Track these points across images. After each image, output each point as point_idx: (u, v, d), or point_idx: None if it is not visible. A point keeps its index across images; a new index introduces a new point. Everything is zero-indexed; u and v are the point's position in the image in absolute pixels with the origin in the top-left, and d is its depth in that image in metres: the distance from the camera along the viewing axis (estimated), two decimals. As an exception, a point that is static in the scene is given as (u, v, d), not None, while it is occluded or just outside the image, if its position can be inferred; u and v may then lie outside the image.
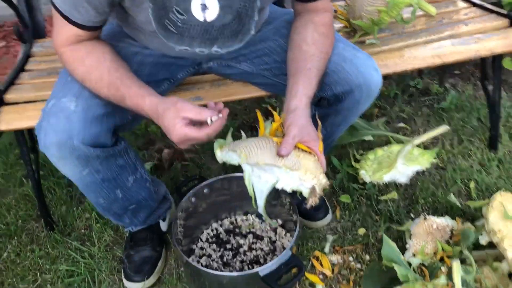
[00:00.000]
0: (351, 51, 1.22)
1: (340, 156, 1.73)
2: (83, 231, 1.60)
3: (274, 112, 1.12)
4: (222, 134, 1.07)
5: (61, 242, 1.55)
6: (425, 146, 1.73)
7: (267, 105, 1.15)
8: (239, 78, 1.37)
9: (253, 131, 1.82)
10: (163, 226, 1.51)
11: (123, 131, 1.23)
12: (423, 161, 1.63)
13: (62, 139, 1.08)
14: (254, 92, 1.35)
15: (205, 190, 1.41)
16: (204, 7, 0.84)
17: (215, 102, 1.06)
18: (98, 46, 1.11)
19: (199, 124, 1.01)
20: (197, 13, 0.83)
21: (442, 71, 2.11)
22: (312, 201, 1.05)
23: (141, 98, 1.06)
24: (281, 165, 1.02)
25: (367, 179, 1.60)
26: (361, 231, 1.50)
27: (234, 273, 1.19)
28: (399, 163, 1.60)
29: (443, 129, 1.56)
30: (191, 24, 0.84)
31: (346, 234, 1.50)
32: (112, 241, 1.55)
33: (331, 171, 1.70)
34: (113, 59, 1.11)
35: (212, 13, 0.83)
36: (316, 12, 1.18)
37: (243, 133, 1.15)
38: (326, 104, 1.26)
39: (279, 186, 1.06)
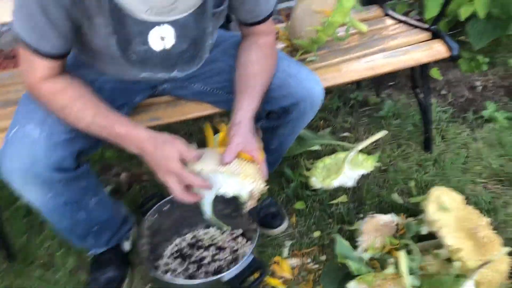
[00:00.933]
0: (295, 67, 1.34)
1: (292, 167, 1.84)
2: (46, 258, 1.60)
3: (221, 125, 1.21)
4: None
5: (23, 272, 1.54)
6: (368, 152, 1.88)
7: (219, 123, 1.24)
8: (192, 98, 1.45)
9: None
10: (126, 246, 1.54)
11: (86, 155, 1.28)
12: (367, 165, 1.77)
13: (26, 166, 1.11)
14: (209, 109, 1.43)
15: (166, 208, 1.47)
16: (162, 38, 0.93)
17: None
18: (75, 79, 1.16)
19: None
20: (156, 44, 0.91)
21: (378, 83, 2.29)
22: (250, 205, 1.14)
23: (133, 127, 1.10)
24: (224, 171, 1.10)
25: (318, 185, 1.72)
26: (316, 234, 1.60)
27: (199, 280, 1.25)
28: (346, 169, 1.73)
29: (381, 134, 1.72)
30: (152, 54, 0.92)
31: (303, 238, 1.60)
32: (76, 266, 1.57)
33: (285, 181, 1.80)
34: (94, 93, 1.15)
35: (169, 42, 0.92)
36: (259, 35, 1.29)
37: (193, 145, 1.22)
38: (275, 117, 1.36)
39: (221, 192, 1.13)
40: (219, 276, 1.21)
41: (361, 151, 1.85)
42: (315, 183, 1.72)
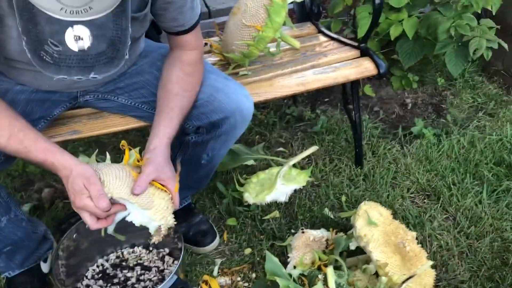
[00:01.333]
0: (223, 81, 1.31)
1: (225, 182, 1.81)
2: (-47, 284, 1.47)
3: (133, 150, 1.17)
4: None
5: None
6: (301, 167, 1.88)
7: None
8: (116, 111, 1.39)
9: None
10: (44, 267, 1.44)
11: None
12: (300, 180, 1.76)
13: None
14: (132, 123, 1.38)
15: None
16: (78, 38, 0.88)
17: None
18: None
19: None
20: (72, 44, 0.86)
21: (314, 99, 2.32)
22: (156, 239, 1.14)
23: (52, 154, 1.04)
24: (134, 202, 1.08)
25: (251, 200, 1.69)
26: (247, 251, 1.57)
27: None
28: (279, 184, 1.71)
29: (313, 149, 1.72)
30: (67, 55, 0.87)
31: (234, 256, 1.56)
32: (-12, 291, 1.45)
33: (217, 197, 1.76)
34: (9, 107, 1.07)
35: (86, 43, 0.87)
36: (184, 49, 1.25)
37: (107, 155, 1.18)
38: (205, 131, 1.33)
39: (129, 219, 1.12)
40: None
41: (294, 166, 1.84)
42: (248, 199, 1.69)
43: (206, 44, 1.80)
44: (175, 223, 1.16)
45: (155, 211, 1.10)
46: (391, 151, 1.98)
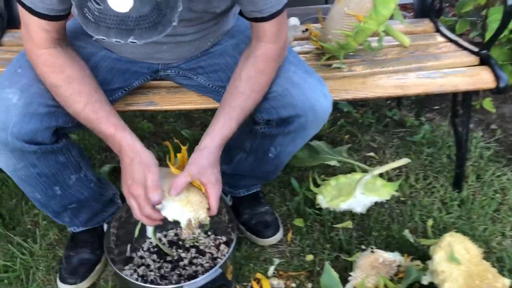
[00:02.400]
0: (302, 75, 1.19)
1: (300, 178, 1.70)
2: (28, 227, 1.56)
3: (181, 146, 1.13)
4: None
5: (3, 235, 1.51)
6: (389, 178, 1.70)
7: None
8: (195, 89, 1.34)
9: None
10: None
11: (66, 132, 1.20)
12: (384, 192, 1.59)
13: None
14: (210, 103, 1.32)
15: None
16: None
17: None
18: (78, 58, 1.10)
19: None
20: (113, 3, 0.81)
21: (421, 105, 2.08)
22: (186, 233, 1.09)
23: (121, 132, 1.05)
24: (165, 190, 1.05)
25: (324, 204, 1.56)
26: (309, 257, 1.46)
27: (155, 287, 1.15)
28: (358, 192, 1.56)
29: (403, 161, 1.53)
30: (107, 14, 0.82)
31: (293, 259, 1.46)
32: (56, 240, 1.52)
33: (289, 193, 1.66)
34: (93, 77, 1.09)
35: (127, 4, 0.81)
36: (261, 41, 1.14)
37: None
38: (274, 125, 1.23)
39: (162, 213, 1.07)
40: (179, 285, 1.10)
41: (381, 175, 1.67)
42: (321, 202, 1.57)
43: (306, 30, 1.68)
44: (208, 220, 1.10)
45: (186, 203, 1.06)
46: (501, 178, 1.70)
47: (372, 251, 1.37)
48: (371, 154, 1.83)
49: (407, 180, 1.70)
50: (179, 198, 1.06)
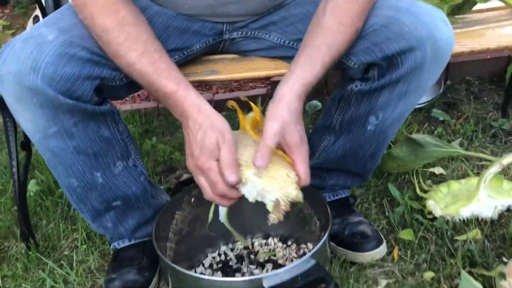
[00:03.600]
0: (409, 1, 0.92)
1: (400, 186, 1.34)
2: (66, 252, 1.28)
3: (251, 104, 0.88)
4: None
5: (35, 261, 1.23)
6: (517, 180, 1.31)
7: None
8: (265, 54, 1.10)
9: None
10: (159, 247, 1.15)
11: (110, 96, 0.96)
12: (517, 195, 1.20)
13: (24, 70, 0.82)
14: (284, 68, 1.05)
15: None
16: None
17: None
18: (132, 1, 0.90)
19: None
20: None
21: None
22: (275, 218, 0.83)
23: (185, 88, 0.84)
24: (242, 161, 0.82)
25: (438, 212, 1.19)
26: (428, 275, 1.06)
27: (230, 279, 0.80)
28: (483, 194, 1.19)
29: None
30: None
31: (407, 279, 1.06)
32: (97, 267, 1.21)
33: (387, 203, 1.29)
34: (149, 24, 0.90)
35: None
36: None
37: None
38: (376, 75, 0.94)
39: (241, 192, 0.83)
40: (257, 276, 0.75)
41: (506, 178, 1.29)
42: (433, 208, 1.21)
43: None
44: (301, 196, 0.82)
45: (270, 180, 0.80)
46: None
47: (526, 254, 0.96)
48: (486, 157, 1.44)
49: (543, 183, 1.29)
50: (259, 173, 0.80)
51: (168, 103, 0.86)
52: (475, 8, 1.26)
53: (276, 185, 0.80)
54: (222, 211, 0.89)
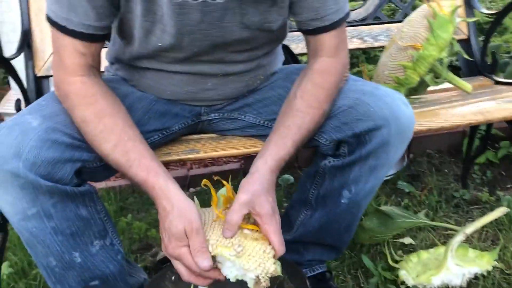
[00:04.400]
0: (372, 85, 1.03)
1: (372, 257, 1.38)
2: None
3: (223, 182, 0.94)
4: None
5: None
6: (482, 249, 1.38)
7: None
8: (241, 133, 1.17)
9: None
10: (138, 330, 1.14)
11: (89, 178, 1.00)
12: (483, 263, 1.27)
13: (7, 155, 0.85)
14: (259, 146, 1.12)
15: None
16: None
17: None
18: (111, 91, 0.97)
19: None
20: None
21: (492, 183, 1.83)
22: None
23: (154, 176, 0.88)
24: (213, 241, 0.85)
25: (410, 282, 1.24)
26: None
27: None
28: (451, 263, 1.25)
29: (501, 211, 1.24)
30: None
31: None
32: None
33: (362, 275, 1.33)
34: (127, 113, 0.96)
35: None
36: (320, 56, 1.02)
37: (195, 199, 0.95)
38: (347, 151, 1.02)
39: (223, 273, 0.86)
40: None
41: (471, 246, 1.36)
42: (406, 279, 1.25)
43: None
44: (280, 269, 0.85)
45: (247, 258, 0.83)
46: None
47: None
48: (451, 227, 1.51)
49: (507, 251, 1.37)
50: (238, 253, 0.84)
51: (143, 190, 0.90)
52: (429, 89, 1.39)
53: (254, 263, 0.83)
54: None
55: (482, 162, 1.95)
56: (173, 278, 1.05)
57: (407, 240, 1.44)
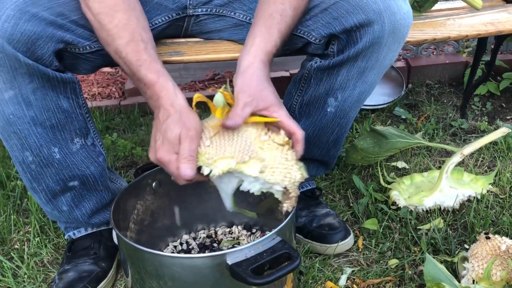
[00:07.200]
0: None
1: (364, 179, 1.34)
2: (17, 246, 1.20)
3: (219, 91, 0.84)
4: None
5: (-15, 255, 1.15)
6: (477, 174, 1.33)
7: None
8: (229, 35, 1.07)
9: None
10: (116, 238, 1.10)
11: (71, 67, 0.92)
12: (477, 186, 1.23)
13: None
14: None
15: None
16: None
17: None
18: None
19: None
20: None
21: (492, 114, 1.77)
22: (288, 206, 0.81)
23: (164, 80, 0.82)
24: (240, 170, 0.79)
25: (402, 202, 1.20)
26: (393, 262, 1.05)
27: (192, 255, 0.76)
28: (444, 185, 1.20)
29: (502, 131, 1.19)
30: None
31: (372, 266, 1.05)
32: (50, 261, 1.15)
33: (352, 195, 1.28)
34: (142, 12, 0.88)
35: None
36: None
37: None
38: (335, 51, 0.94)
39: (244, 189, 0.81)
40: (220, 253, 0.72)
41: (466, 170, 1.32)
42: (396, 198, 1.21)
43: None
44: (305, 173, 0.81)
45: (271, 171, 0.77)
46: None
47: (488, 237, 0.97)
48: (448, 148, 1.45)
49: (499, 175, 1.32)
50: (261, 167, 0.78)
51: (147, 94, 0.84)
52: (435, 7, 1.29)
53: (279, 175, 0.78)
54: (228, 203, 0.84)
55: (483, 94, 1.87)
56: (153, 185, 1.00)
57: (401, 164, 1.40)
